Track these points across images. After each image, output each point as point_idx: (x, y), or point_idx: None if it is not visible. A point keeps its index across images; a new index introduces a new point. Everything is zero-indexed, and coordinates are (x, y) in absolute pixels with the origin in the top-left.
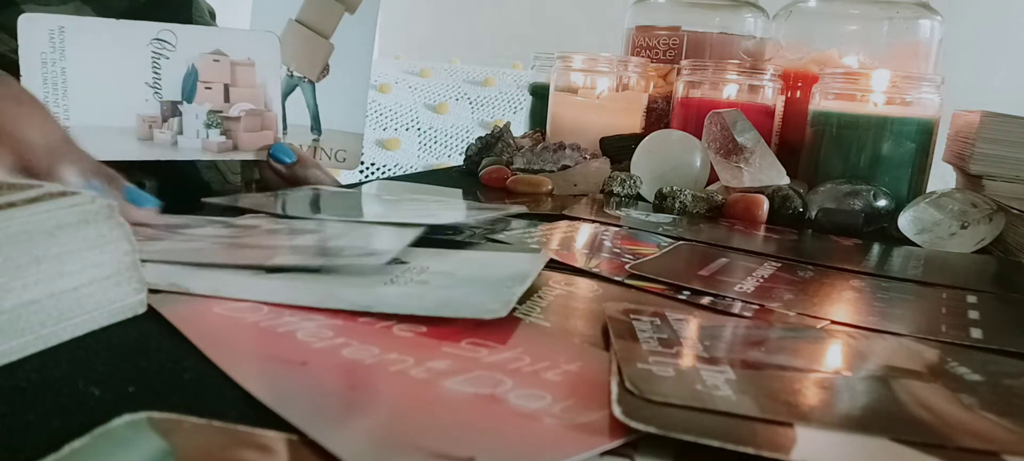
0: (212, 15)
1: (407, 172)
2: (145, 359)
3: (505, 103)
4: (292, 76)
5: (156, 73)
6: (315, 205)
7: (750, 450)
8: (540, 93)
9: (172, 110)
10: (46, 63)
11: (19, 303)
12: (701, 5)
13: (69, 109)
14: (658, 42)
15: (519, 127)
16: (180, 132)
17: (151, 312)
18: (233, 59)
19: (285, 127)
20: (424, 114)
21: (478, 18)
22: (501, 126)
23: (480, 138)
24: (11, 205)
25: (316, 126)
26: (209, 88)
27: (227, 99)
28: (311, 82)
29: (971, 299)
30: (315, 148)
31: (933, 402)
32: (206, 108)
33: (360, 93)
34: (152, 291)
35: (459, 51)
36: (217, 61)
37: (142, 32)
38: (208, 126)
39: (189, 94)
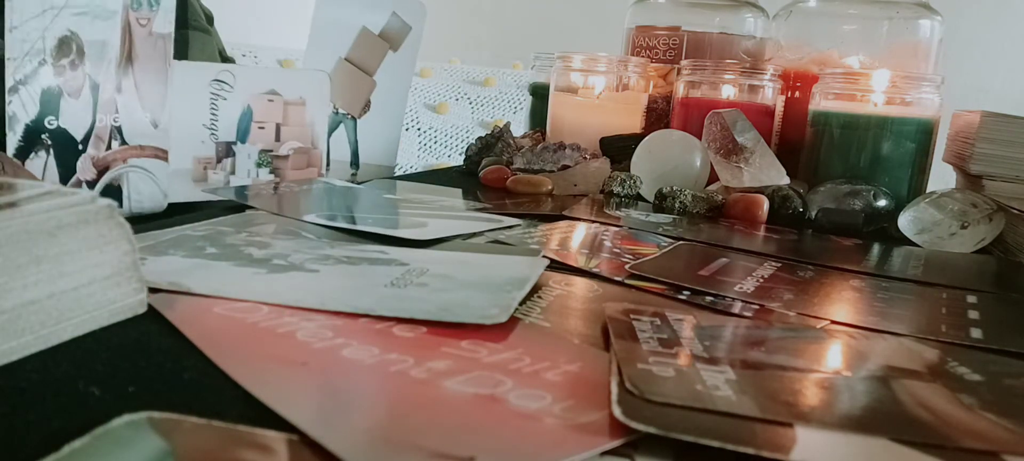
0: (210, 20)
1: (407, 172)
2: (145, 359)
3: (505, 103)
4: (337, 113)
5: (214, 114)
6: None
7: (750, 450)
8: (540, 93)
9: (226, 150)
10: None
11: (19, 303)
12: (701, 5)
13: None
14: (658, 42)
15: (519, 127)
16: (232, 172)
17: (151, 312)
18: (285, 98)
19: (328, 163)
20: (424, 114)
21: (478, 18)
22: (501, 126)
23: (480, 138)
24: (11, 205)
25: (355, 161)
26: (262, 128)
27: (278, 138)
28: (354, 118)
29: (971, 299)
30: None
31: (933, 402)
32: (258, 148)
33: (395, 128)
34: (152, 291)
35: (459, 51)
36: (271, 101)
37: (203, 74)
38: (259, 165)
39: (243, 134)
